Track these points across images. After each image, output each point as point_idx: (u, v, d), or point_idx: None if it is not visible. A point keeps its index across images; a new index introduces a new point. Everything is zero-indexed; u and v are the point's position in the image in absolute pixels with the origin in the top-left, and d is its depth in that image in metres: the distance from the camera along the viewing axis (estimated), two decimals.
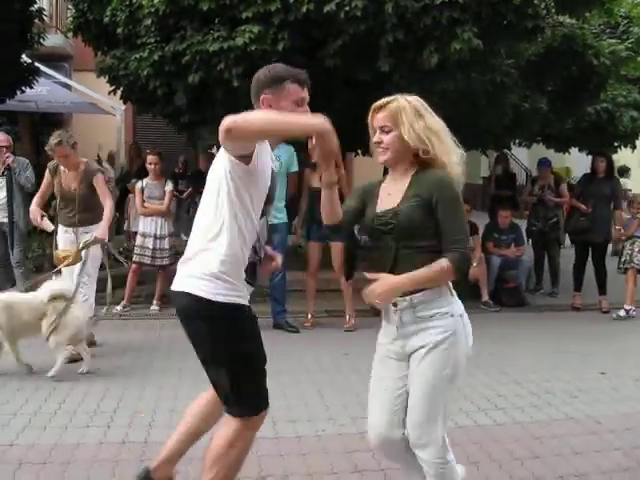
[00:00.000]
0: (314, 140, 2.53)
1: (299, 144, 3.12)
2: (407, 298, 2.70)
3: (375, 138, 2.81)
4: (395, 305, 2.74)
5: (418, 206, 2.69)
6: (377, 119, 2.81)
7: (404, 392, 2.81)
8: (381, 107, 2.80)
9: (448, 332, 2.75)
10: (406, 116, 2.75)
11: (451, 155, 2.79)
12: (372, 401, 2.92)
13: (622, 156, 13.22)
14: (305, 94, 2.87)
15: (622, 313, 8.07)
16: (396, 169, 2.85)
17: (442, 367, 2.75)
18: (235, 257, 2.78)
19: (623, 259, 8.22)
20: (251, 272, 2.96)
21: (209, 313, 2.79)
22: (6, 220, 7.53)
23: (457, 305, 2.85)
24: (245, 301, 2.88)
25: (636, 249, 8.15)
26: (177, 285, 2.92)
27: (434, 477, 2.81)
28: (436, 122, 2.81)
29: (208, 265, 2.78)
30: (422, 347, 2.72)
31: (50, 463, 3.82)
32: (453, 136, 2.83)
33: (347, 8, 6.46)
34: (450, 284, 2.80)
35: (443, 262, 2.64)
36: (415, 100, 2.84)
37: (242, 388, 2.84)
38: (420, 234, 2.70)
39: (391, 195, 2.80)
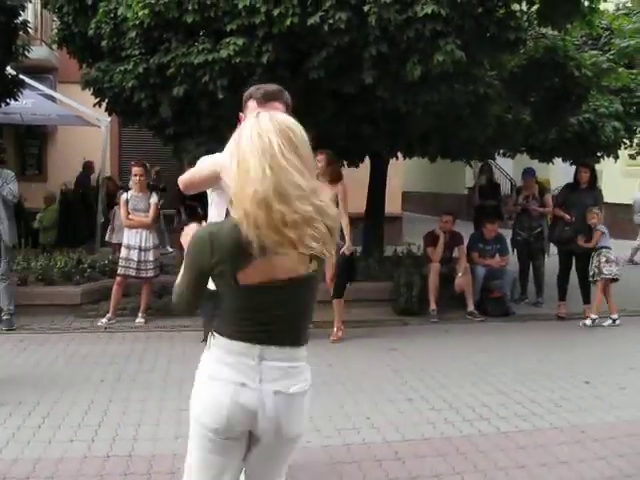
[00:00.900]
0: None
1: None
2: None
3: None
4: None
5: None
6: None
7: None
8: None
9: None
10: None
11: None
12: None
13: (605, 166, 13.33)
14: (263, 108, 2.88)
15: (588, 322, 8.22)
16: None
17: None
18: None
19: (591, 272, 8.32)
20: None
21: None
22: None
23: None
24: None
25: (603, 259, 8.25)
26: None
27: None
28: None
29: None
30: None
31: (34, 478, 3.80)
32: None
33: (331, 21, 6.49)
34: None
35: None
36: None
37: None
38: None
39: None
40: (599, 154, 11.13)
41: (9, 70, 10.51)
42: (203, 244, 2.11)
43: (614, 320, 8.21)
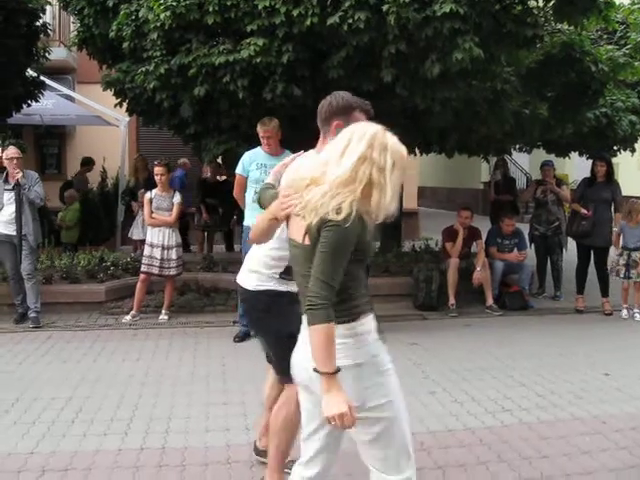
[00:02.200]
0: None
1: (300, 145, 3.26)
2: None
3: None
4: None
5: None
6: None
7: None
8: None
9: None
10: None
11: None
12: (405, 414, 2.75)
13: (621, 159, 13.35)
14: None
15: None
16: None
17: None
18: None
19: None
20: None
21: None
22: (15, 233, 7.65)
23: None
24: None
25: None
26: None
27: None
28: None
29: None
30: None
31: (72, 469, 3.94)
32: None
33: (350, 20, 6.57)
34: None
35: None
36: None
37: None
38: None
39: None
40: (616, 148, 11.16)
41: (30, 72, 10.70)
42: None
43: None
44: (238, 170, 6.92)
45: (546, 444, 4.33)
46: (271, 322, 3.45)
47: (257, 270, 3.46)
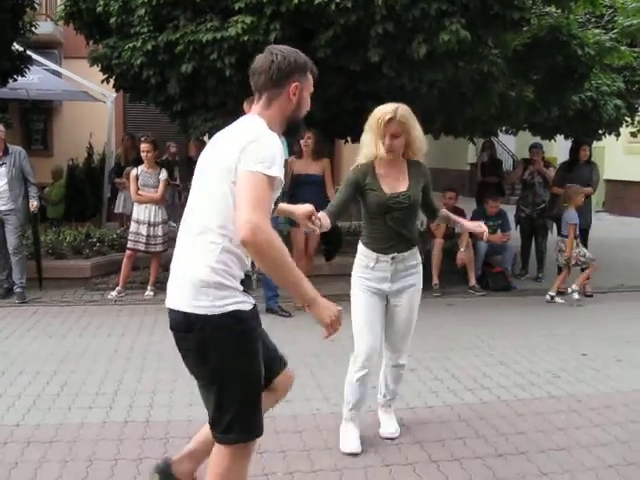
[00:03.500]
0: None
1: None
2: (402, 254, 3.81)
3: (387, 141, 3.67)
4: (393, 258, 3.80)
5: (420, 189, 3.86)
6: (390, 128, 3.64)
7: (383, 319, 3.92)
8: (391, 119, 3.63)
9: (421, 276, 3.99)
10: (411, 124, 3.72)
11: (420, 140, 3.84)
12: (367, 326, 3.86)
13: (607, 143, 13.47)
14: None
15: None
16: (393, 160, 3.81)
17: (418, 301, 3.98)
18: None
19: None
20: None
21: None
22: (3, 209, 7.66)
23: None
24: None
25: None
26: None
27: (401, 376, 4.18)
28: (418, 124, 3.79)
29: None
30: (410, 287, 3.89)
31: (57, 442, 3.99)
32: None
33: (338, 0, 6.60)
34: None
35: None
36: (407, 109, 3.73)
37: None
38: (416, 212, 3.88)
39: (399, 181, 3.82)
40: (601, 132, 11.27)
41: (16, 46, 10.62)
42: None
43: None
44: None
45: (522, 421, 4.43)
46: (245, 361, 2.61)
47: (212, 281, 2.54)
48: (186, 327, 2.60)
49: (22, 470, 3.61)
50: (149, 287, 8.16)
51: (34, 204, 7.83)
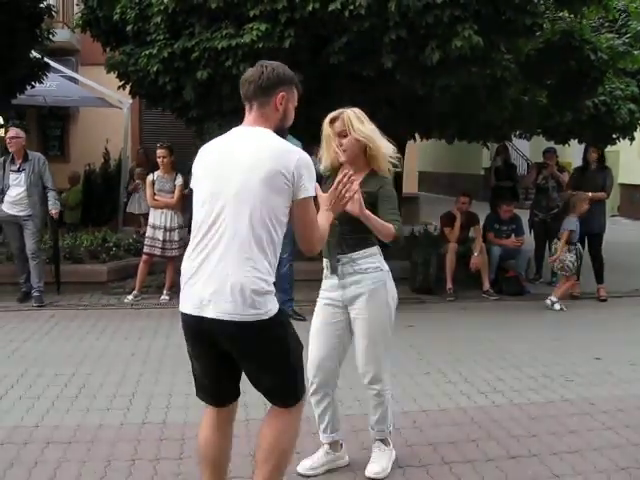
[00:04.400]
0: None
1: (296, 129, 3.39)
2: (348, 255, 3.49)
3: (336, 141, 3.49)
4: (338, 260, 3.50)
5: (369, 197, 3.43)
6: (335, 128, 3.49)
7: (341, 332, 3.63)
8: (335, 118, 3.50)
9: (383, 283, 3.55)
10: (354, 122, 3.47)
11: (385, 149, 3.55)
12: (315, 340, 3.64)
13: (621, 148, 13.44)
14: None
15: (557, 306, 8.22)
16: (353, 166, 3.48)
17: (381, 315, 3.55)
18: None
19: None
20: None
21: None
22: (22, 214, 7.77)
23: (385, 263, 3.62)
24: None
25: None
26: None
27: (381, 405, 3.72)
28: (372, 127, 3.55)
29: None
30: (362, 295, 3.51)
31: (75, 442, 4.07)
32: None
33: (351, 7, 6.66)
34: (379, 248, 3.60)
35: (391, 226, 3.41)
36: (357, 110, 3.55)
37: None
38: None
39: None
40: (615, 136, 11.25)
41: (34, 53, 10.76)
42: None
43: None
44: None
45: (535, 423, 4.47)
46: (289, 345, 2.91)
47: (261, 289, 2.73)
48: (244, 335, 2.76)
49: (42, 470, 3.68)
50: (165, 291, 8.25)
51: (53, 211, 7.92)
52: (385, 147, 3.54)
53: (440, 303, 8.44)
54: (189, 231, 3.02)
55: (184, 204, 8.18)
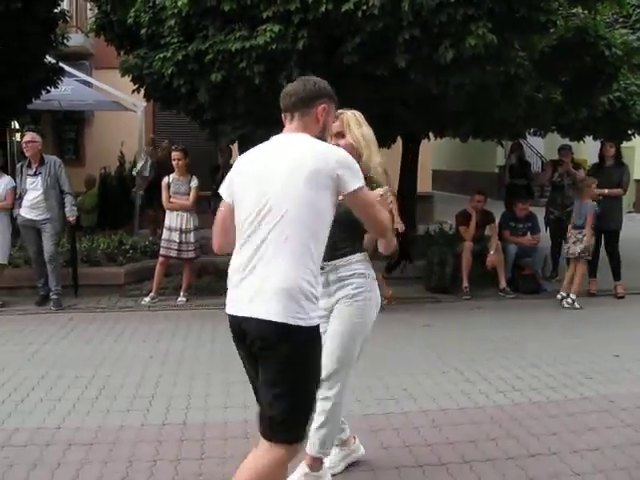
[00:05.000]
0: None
1: None
2: (331, 262, 3.39)
3: (332, 142, 3.35)
4: (322, 268, 3.17)
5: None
6: (333, 127, 3.39)
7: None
8: (335, 117, 3.34)
9: (362, 288, 3.44)
10: (352, 124, 3.50)
11: (372, 159, 3.47)
12: None
13: (637, 144, 13.37)
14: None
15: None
16: None
17: (355, 316, 3.43)
18: None
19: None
20: None
21: None
22: (40, 218, 7.83)
23: (371, 270, 3.54)
24: None
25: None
26: None
27: (328, 412, 3.40)
28: (369, 132, 3.55)
29: None
30: (342, 298, 3.43)
31: (97, 444, 4.10)
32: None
33: (364, 7, 6.64)
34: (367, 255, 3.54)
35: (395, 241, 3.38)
36: (357, 113, 3.58)
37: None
38: (349, 222, 3.14)
39: None
40: (630, 132, 11.20)
41: (48, 58, 10.84)
42: None
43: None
44: None
45: (554, 421, 4.45)
46: (314, 369, 2.81)
47: (307, 291, 2.70)
48: (279, 336, 2.65)
49: (65, 471, 3.72)
50: (182, 293, 8.30)
51: (71, 218, 7.98)
52: (375, 155, 3.51)
53: (456, 302, 8.42)
54: None
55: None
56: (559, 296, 8.26)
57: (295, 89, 2.94)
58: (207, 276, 8.95)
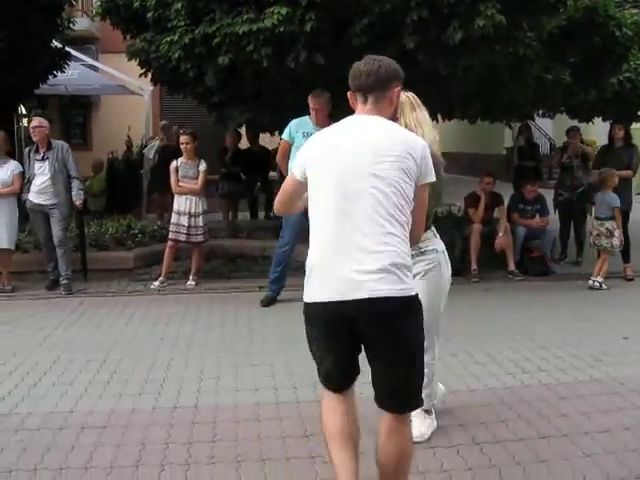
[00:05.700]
0: None
1: None
2: None
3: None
4: None
5: None
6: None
7: None
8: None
9: (434, 263, 3.71)
10: (405, 109, 3.56)
11: (426, 137, 3.38)
12: None
13: None
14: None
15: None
16: None
17: (431, 290, 3.68)
18: None
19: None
20: None
21: None
22: (48, 202, 7.85)
23: (441, 244, 3.79)
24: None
25: None
26: None
27: (429, 373, 3.60)
28: (424, 116, 3.67)
29: None
30: (417, 274, 3.48)
31: (110, 427, 4.13)
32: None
33: None
34: (434, 228, 3.82)
35: None
36: (412, 96, 3.66)
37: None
38: None
39: None
40: (639, 113, 11.12)
41: (55, 43, 10.83)
42: None
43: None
44: (284, 136, 7.02)
45: (565, 403, 4.46)
46: (423, 335, 2.90)
47: (408, 263, 2.79)
48: (402, 311, 2.73)
49: (78, 454, 3.74)
50: (191, 277, 8.31)
51: (77, 202, 7.99)
52: (428, 135, 3.55)
53: (465, 284, 8.39)
54: None
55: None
56: (590, 281, 8.21)
57: (371, 69, 2.87)
58: (216, 260, 8.98)
